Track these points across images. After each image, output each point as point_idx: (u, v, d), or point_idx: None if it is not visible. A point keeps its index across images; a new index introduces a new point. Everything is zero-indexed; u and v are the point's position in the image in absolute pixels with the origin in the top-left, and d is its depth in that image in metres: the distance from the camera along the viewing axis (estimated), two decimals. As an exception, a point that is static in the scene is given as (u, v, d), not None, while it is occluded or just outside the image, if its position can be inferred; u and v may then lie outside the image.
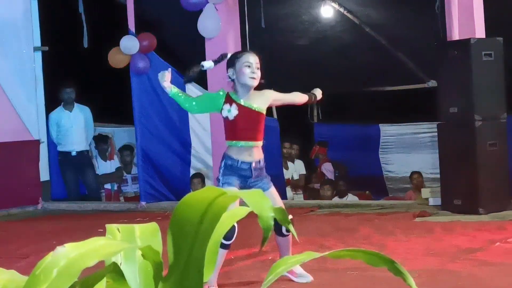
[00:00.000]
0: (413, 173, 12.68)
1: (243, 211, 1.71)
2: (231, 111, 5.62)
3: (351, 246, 7.20)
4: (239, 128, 5.65)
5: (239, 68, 5.59)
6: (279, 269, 1.70)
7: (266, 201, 1.49)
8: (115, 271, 1.53)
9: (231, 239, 5.46)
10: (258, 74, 5.64)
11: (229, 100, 5.66)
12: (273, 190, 5.80)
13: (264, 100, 5.80)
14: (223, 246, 5.34)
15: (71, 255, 1.41)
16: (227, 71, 5.70)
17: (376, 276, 6.06)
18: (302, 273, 5.93)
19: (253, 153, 5.69)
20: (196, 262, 1.55)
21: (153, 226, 1.78)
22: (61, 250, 1.44)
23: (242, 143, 5.66)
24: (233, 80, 5.67)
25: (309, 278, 5.93)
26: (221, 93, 5.71)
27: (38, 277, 1.37)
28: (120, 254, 1.69)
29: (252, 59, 5.66)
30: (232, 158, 5.66)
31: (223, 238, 5.27)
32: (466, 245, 7.22)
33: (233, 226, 5.35)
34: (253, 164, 5.66)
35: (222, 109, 5.66)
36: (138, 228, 1.77)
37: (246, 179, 5.65)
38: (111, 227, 1.75)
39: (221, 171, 5.68)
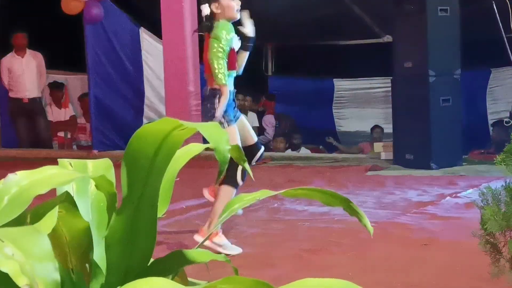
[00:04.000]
0: (374, 126, 12.72)
1: (199, 148, 1.69)
2: (236, 41, 5.50)
3: (303, 198, 7.24)
4: (234, 57, 5.48)
5: (225, 2, 5.45)
6: (234, 206, 1.69)
7: (223, 134, 1.46)
8: (68, 201, 1.51)
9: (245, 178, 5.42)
10: None
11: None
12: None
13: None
14: (237, 185, 5.35)
15: (22, 183, 1.38)
16: (208, 3, 5.47)
17: (328, 227, 6.11)
18: (227, 244, 5.45)
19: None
20: (150, 196, 1.53)
21: (106, 161, 1.75)
22: (12, 177, 1.41)
23: (235, 72, 5.51)
24: (212, 14, 5.45)
25: (238, 250, 5.47)
26: (227, 26, 5.44)
27: (-11, 204, 1.33)
28: (72, 188, 1.66)
29: None
30: (230, 91, 5.47)
31: (240, 178, 5.28)
32: (417, 198, 7.30)
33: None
34: (234, 93, 5.56)
35: (232, 40, 5.42)
36: (91, 163, 1.73)
37: (233, 109, 5.53)
38: (63, 162, 1.71)
39: (226, 109, 5.38)
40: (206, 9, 5.51)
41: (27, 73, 12.16)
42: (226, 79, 5.34)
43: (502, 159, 3.57)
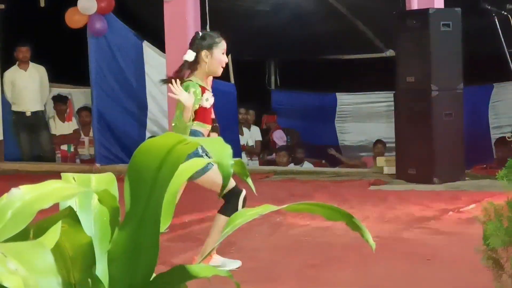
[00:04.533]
0: (377, 141, 12.71)
1: (201, 163, 1.69)
2: (209, 100, 5.30)
3: (306, 213, 7.23)
4: (209, 113, 5.36)
5: (217, 55, 5.28)
6: (236, 221, 1.69)
7: (226, 149, 1.47)
8: (71, 216, 1.51)
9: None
10: None
11: (202, 89, 5.27)
12: None
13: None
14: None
15: (26, 197, 1.39)
16: (197, 50, 5.29)
17: (330, 242, 6.10)
18: (225, 262, 5.43)
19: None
20: (153, 210, 1.53)
21: (109, 176, 1.75)
22: (16, 192, 1.41)
23: (208, 127, 5.35)
24: (196, 61, 5.30)
25: (237, 263, 5.47)
26: (196, 86, 5.21)
27: (-7, 218, 1.34)
28: (75, 202, 1.66)
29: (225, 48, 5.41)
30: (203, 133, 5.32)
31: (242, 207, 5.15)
32: (420, 213, 7.28)
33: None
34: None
35: (200, 99, 5.21)
36: (94, 178, 1.74)
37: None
38: (67, 176, 1.71)
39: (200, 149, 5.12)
40: (190, 56, 5.30)
41: (30, 86, 12.17)
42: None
43: (504, 174, 3.58)
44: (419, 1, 9.55)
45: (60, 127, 13.06)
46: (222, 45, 5.36)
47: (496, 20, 8.64)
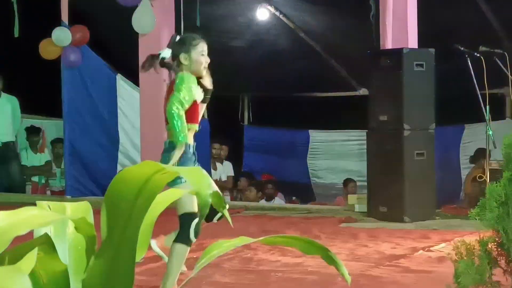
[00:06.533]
0: (348, 180, 12.74)
1: (178, 193, 1.69)
2: (199, 93, 5.41)
3: (277, 249, 7.21)
4: (197, 111, 5.46)
5: (195, 57, 5.36)
6: (212, 252, 1.68)
7: (205, 179, 1.46)
8: (47, 243, 1.49)
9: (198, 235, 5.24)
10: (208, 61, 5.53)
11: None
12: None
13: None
14: (190, 243, 5.18)
15: (2, 223, 1.37)
16: (175, 53, 5.40)
17: (301, 278, 6.08)
18: None
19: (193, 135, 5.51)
20: (130, 240, 1.52)
21: (84, 204, 1.74)
22: (-8, 217, 1.39)
23: (195, 125, 5.43)
24: (178, 64, 5.39)
25: None
26: (192, 78, 5.33)
27: (-33, 244, 1.32)
28: (50, 230, 1.65)
29: (206, 48, 5.48)
30: (190, 145, 5.39)
31: (194, 235, 5.14)
32: (390, 251, 7.29)
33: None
34: (194, 147, 5.47)
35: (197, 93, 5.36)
36: (69, 206, 1.72)
37: (193, 163, 5.40)
38: (42, 204, 1.70)
39: (185, 163, 5.30)
40: (167, 53, 5.43)
41: (1, 117, 12.08)
42: (185, 138, 5.22)
43: (477, 213, 3.59)
44: (393, 40, 9.63)
45: (32, 159, 12.99)
46: (200, 46, 5.42)
47: (469, 61, 8.72)
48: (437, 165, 9.54)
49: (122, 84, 12.17)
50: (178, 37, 5.54)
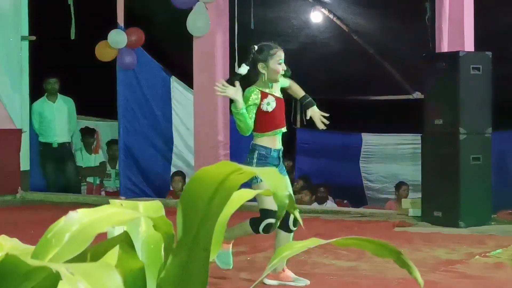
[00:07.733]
0: (401, 183, 12.65)
1: (251, 193, 1.69)
2: (270, 104, 5.68)
3: (330, 252, 7.19)
4: (277, 117, 5.76)
5: (273, 65, 5.64)
6: (284, 253, 1.68)
7: (282, 180, 1.47)
8: (126, 241, 1.50)
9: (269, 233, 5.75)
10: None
11: (264, 95, 5.69)
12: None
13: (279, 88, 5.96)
14: (256, 232, 5.67)
15: (84, 220, 1.38)
16: (254, 63, 5.66)
17: (355, 282, 6.06)
18: (295, 277, 5.98)
19: (280, 140, 5.83)
20: (204, 239, 1.52)
21: (157, 204, 1.75)
22: (73, 215, 1.41)
23: (278, 131, 5.77)
24: (256, 73, 5.67)
25: (306, 281, 5.97)
26: (255, 92, 5.67)
27: (50, 241, 1.33)
28: (123, 229, 1.66)
29: (283, 56, 5.75)
30: (266, 147, 5.72)
31: (264, 231, 5.50)
32: (446, 256, 7.22)
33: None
34: (281, 151, 5.81)
35: (261, 104, 5.67)
36: (142, 205, 1.74)
37: (276, 166, 5.68)
38: (115, 202, 1.71)
39: (254, 163, 5.68)
40: (243, 70, 5.65)
41: (57, 118, 12.26)
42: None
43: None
44: (449, 43, 9.53)
45: (86, 159, 13.13)
46: (278, 55, 5.69)
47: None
48: (493, 170, 9.43)
49: (176, 86, 12.25)
50: (256, 48, 5.74)
